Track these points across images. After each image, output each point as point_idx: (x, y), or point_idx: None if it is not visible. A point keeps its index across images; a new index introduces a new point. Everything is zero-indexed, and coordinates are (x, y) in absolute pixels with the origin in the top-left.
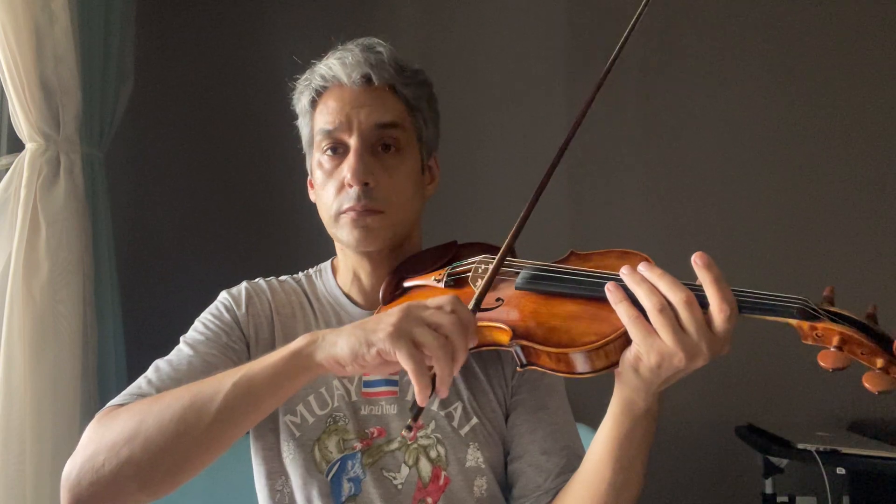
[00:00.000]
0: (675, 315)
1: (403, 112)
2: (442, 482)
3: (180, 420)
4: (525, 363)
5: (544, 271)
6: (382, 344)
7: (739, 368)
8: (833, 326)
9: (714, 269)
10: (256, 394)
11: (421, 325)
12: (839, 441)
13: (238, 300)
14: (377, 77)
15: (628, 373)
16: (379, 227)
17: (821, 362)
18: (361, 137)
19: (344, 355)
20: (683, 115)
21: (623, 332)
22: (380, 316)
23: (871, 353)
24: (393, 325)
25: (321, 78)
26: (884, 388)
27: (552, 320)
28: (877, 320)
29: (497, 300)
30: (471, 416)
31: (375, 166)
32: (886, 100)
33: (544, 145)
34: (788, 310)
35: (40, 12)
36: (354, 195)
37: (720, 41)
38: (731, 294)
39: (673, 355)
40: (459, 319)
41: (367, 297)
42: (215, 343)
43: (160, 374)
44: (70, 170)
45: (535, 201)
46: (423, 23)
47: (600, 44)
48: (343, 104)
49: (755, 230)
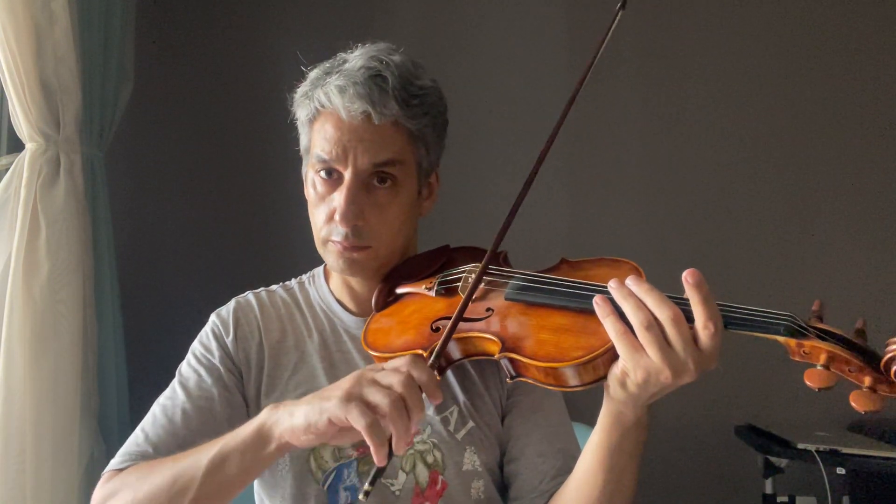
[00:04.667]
0: (661, 332)
1: (404, 145)
2: (440, 487)
3: (166, 498)
4: (514, 375)
5: (533, 282)
6: (334, 409)
7: (739, 368)
8: (820, 344)
9: (703, 289)
10: (230, 471)
11: (373, 386)
12: (839, 441)
13: (226, 325)
14: (377, 116)
15: (615, 387)
16: (365, 260)
17: (807, 381)
18: (356, 173)
19: (300, 426)
20: (680, 123)
21: (611, 346)
22: (333, 385)
23: (858, 370)
24: (344, 391)
25: (320, 103)
26: (870, 408)
27: (541, 333)
28: (865, 336)
29: (487, 310)
30: (467, 419)
31: (366, 204)
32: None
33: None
34: (775, 327)
35: (40, 12)
36: (342, 233)
37: (719, 46)
38: (717, 312)
39: (659, 372)
40: (414, 378)
41: (360, 304)
42: (207, 383)
43: (156, 427)
44: (70, 170)
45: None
46: (423, 23)
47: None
48: (341, 134)
49: (747, 239)
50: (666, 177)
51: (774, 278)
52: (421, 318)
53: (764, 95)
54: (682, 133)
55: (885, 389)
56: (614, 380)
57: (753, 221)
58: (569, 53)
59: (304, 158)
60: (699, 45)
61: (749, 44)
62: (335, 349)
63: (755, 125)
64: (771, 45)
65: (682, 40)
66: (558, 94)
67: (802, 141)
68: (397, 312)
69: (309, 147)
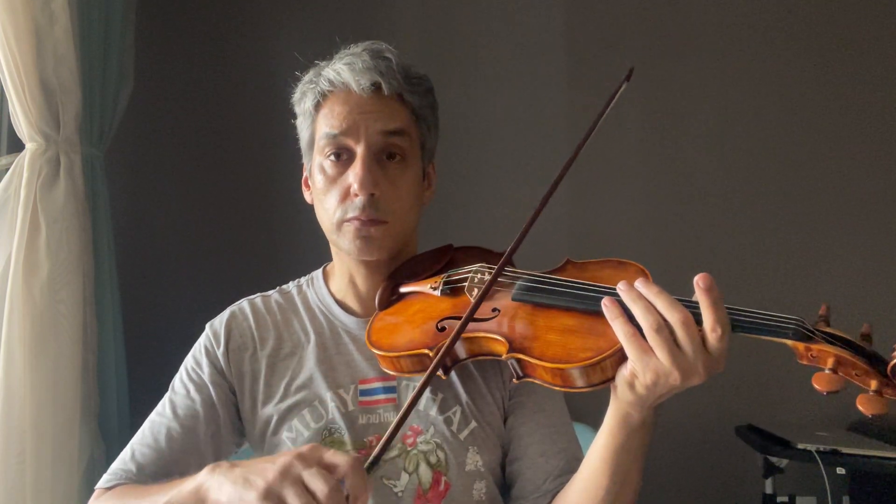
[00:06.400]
0: (671, 334)
1: (409, 120)
2: (442, 488)
3: None
4: (521, 376)
5: (541, 283)
6: (252, 502)
7: (739, 368)
8: (828, 348)
9: (714, 293)
10: None
11: (296, 485)
12: (839, 441)
13: (217, 337)
14: (386, 86)
15: (623, 388)
16: (381, 237)
17: (815, 385)
18: (368, 145)
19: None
20: (684, 125)
21: (619, 348)
22: (266, 464)
23: (865, 374)
24: (266, 483)
25: (328, 82)
26: (877, 412)
27: (548, 334)
28: (871, 340)
29: (493, 310)
30: (469, 420)
31: (380, 176)
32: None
33: (543, 147)
34: (784, 331)
35: (40, 12)
36: (360, 205)
37: (721, 48)
38: (726, 316)
39: (668, 374)
40: (340, 491)
41: (363, 302)
42: (195, 401)
43: (143, 446)
44: (70, 170)
45: (536, 216)
46: (423, 23)
47: (600, 45)
48: (350, 109)
49: (753, 241)
50: (670, 178)
51: (779, 281)
52: (426, 317)
53: (770, 94)
54: (687, 134)
55: (891, 393)
56: (623, 381)
57: (758, 224)
58: (569, 55)
59: (306, 154)
60: (701, 43)
61: (749, 38)
62: (334, 351)
63: (760, 125)
64: (771, 41)
65: (683, 37)
66: (558, 95)
67: (808, 141)
68: (402, 311)
69: (313, 136)
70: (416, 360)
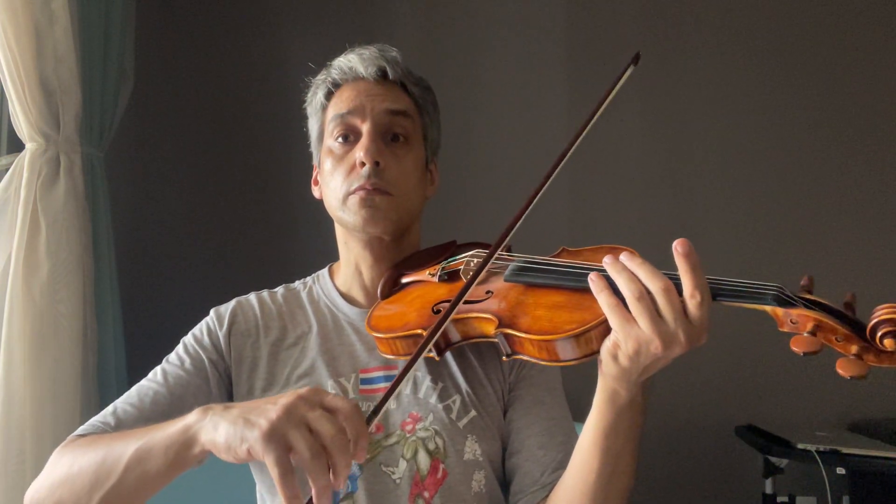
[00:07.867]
0: (653, 303)
1: (413, 106)
2: (440, 475)
3: (94, 475)
4: (510, 353)
5: (532, 264)
6: (254, 444)
7: (739, 368)
8: (808, 313)
9: (692, 258)
10: (150, 466)
11: (300, 427)
12: (839, 441)
13: (221, 320)
14: (392, 72)
15: (607, 361)
16: (386, 208)
17: (793, 347)
18: (374, 122)
19: (220, 444)
20: (679, 112)
21: (603, 319)
22: (266, 405)
23: (845, 339)
24: (270, 423)
25: (339, 71)
26: (855, 374)
27: (537, 310)
28: (854, 309)
29: (487, 292)
30: (469, 408)
31: (385, 150)
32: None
33: (544, 146)
34: (763, 297)
35: (40, 12)
36: (365, 174)
37: (720, 39)
38: (704, 281)
39: (650, 342)
40: (345, 433)
41: (368, 292)
42: (188, 372)
43: (126, 403)
44: (70, 170)
45: (530, 203)
46: (424, 24)
47: (600, 44)
48: (358, 93)
49: (742, 222)
50: (669, 170)
51: (777, 268)
52: (423, 301)
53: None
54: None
55: (872, 359)
56: (606, 353)
57: (756, 217)
58: (568, 52)
59: (315, 149)
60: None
61: (749, 33)
62: (336, 341)
63: (759, 116)
64: (770, 38)
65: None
66: (558, 95)
67: (799, 120)
68: (401, 299)
69: (322, 127)
70: (410, 342)
